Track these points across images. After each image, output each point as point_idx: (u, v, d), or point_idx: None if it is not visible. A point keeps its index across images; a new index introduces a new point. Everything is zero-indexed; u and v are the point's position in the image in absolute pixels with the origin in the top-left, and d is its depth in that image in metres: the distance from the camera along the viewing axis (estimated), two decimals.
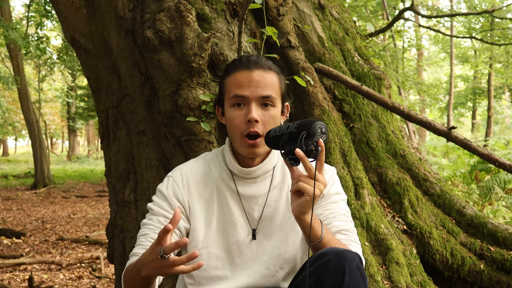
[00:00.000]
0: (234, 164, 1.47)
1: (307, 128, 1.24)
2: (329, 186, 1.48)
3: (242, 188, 1.48)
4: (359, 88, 2.26)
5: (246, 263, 1.47)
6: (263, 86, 1.41)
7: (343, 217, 1.45)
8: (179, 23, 1.96)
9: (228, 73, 1.46)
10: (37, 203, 9.36)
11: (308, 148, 1.23)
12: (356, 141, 2.35)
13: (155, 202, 1.47)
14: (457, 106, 21.34)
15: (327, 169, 1.53)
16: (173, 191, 1.46)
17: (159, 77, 2.05)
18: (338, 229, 1.41)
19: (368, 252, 2.03)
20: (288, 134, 1.27)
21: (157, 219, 1.44)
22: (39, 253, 5.16)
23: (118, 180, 2.35)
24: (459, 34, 14.84)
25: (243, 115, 1.40)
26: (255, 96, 1.40)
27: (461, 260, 2.17)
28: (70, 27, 2.43)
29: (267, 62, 1.46)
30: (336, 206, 1.46)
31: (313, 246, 1.34)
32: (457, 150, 9.28)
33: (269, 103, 1.41)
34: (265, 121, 1.40)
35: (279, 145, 1.30)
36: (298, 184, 1.25)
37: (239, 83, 1.41)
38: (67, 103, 24.70)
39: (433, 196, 2.34)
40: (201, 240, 1.46)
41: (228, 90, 1.44)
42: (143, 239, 1.42)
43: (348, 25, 2.68)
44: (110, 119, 2.38)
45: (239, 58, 1.49)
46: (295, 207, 1.28)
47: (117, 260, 2.34)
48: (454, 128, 2.27)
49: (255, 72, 1.42)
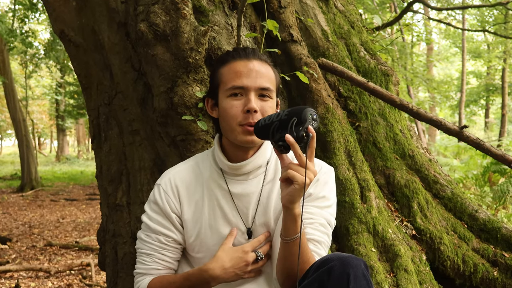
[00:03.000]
0: (223, 161, 1.48)
1: (298, 114, 1.26)
2: (320, 187, 1.49)
3: (233, 186, 1.49)
4: (365, 84, 2.26)
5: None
6: (262, 77, 1.43)
7: (320, 227, 1.45)
8: (175, 15, 1.96)
9: (223, 63, 1.47)
10: (24, 206, 9.36)
11: (299, 134, 1.25)
12: (362, 141, 2.35)
13: (150, 217, 1.52)
14: (469, 104, 21.35)
15: (324, 168, 1.53)
16: (167, 202, 1.51)
17: (153, 73, 2.05)
18: (309, 237, 1.42)
19: (375, 258, 2.03)
20: (278, 122, 1.29)
21: (156, 237, 1.50)
22: (26, 260, 5.16)
23: (110, 182, 2.35)
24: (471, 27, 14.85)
25: (240, 105, 1.41)
26: (255, 87, 1.42)
27: (473, 267, 2.17)
28: (59, 20, 2.43)
29: (263, 55, 1.50)
30: (318, 212, 1.46)
31: (285, 241, 1.34)
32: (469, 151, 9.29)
33: (267, 95, 1.44)
34: (264, 112, 1.42)
35: (269, 134, 1.32)
36: (288, 172, 1.27)
37: (238, 72, 1.43)
38: (55, 101, 24.69)
39: (443, 199, 2.34)
40: (196, 244, 1.49)
41: (225, 81, 1.45)
42: (148, 259, 1.50)
43: (353, 18, 2.69)
44: (101, 118, 2.38)
45: (235, 49, 1.51)
46: (284, 196, 1.29)
47: (109, 267, 2.34)
48: (466, 127, 2.27)
49: (254, 62, 1.45)
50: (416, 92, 18.83)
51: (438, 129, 2.34)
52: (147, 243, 1.50)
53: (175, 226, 1.50)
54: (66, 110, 22.55)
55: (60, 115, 24.58)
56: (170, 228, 1.49)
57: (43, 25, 18.67)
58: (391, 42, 4.56)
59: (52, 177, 15.72)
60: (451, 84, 19.95)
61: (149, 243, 1.50)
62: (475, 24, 15.09)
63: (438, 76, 22.47)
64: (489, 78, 20.09)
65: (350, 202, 2.11)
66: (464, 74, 15.75)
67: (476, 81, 22.48)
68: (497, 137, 16.88)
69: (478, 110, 23.08)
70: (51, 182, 14.27)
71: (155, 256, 1.49)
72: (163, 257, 1.50)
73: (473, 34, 18.62)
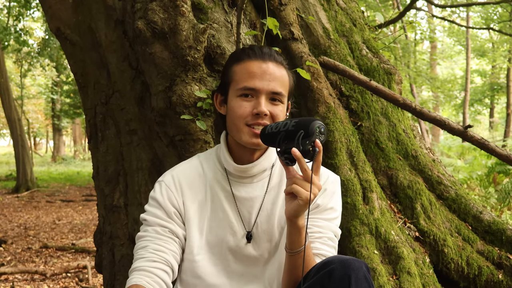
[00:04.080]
0: (229, 162, 1.48)
1: (305, 127, 1.25)
2: (328, 197, 1.48)
3: (237, 189, 1.49)
4: (367, 83, 2.26)
5: (243, 269, 1.48)
6: (275, 81, 1.42)
7: (328, 242, 1.45)
8: (173, 13, 1.96)
9: (237, 60, 1.46)
10: (20, 208, 9.36)
11: (305, 148, 1.24)
12: (364, 141, 2.35)
13: (148, 211, 1.48)
14: (474, 103, 21.36)
15: (331, 178, 1.53)
16: (168, 197, 1.47)
17: (151, 72, 2.05)
18: (318, 252, 1.42)
19: (378, 261, 2.03)
20: (284, 132, 1.29)
21: (153, 229, 1.45)
22: (21, 262, 5.16)
23: (106, 183, 2.35)
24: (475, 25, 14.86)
25: (250, 106, 1.41)
26: (267, 90, 1.41)
27: (478, 270, 2.17)
28: (55, 18, 2.43)
29: (279, 57, 1.48)
30: (327, 225, 1.46)
31: (290, 254, 1.34)
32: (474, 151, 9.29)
33: (278, 99, 1.43)
34: (275, 115, 1.41)
35: (275, 143, 1.31)
36: (292, 187, 1.27)
37: (251, 73, 1.42)
38: (51, 100, 24.69)
39: (447, 200, 2.34)
40: (196, 245, 1.47)
41: (237, 79, 1.44)
42: (143, 252, 1.42)
43: (355, 16, 2.69)
44: (98, 117, 2.39)
45: (250, 47, 1.49)
46: (288, 209, 1.30)
47: (106, 269, 2.34)
48: (470, 127, 2.27)
49: (269, 64, 1.44)
50: (420, 91, 18.84)
51: (441, 128, 2.34)
52: (144, 237, 1.45)
53: (172, 218, 1.46)
54: (62, 110, 22.57)
55: (56, 115, 24.59)
56: (167, 220, 1.45)
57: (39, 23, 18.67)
58: (394, 40, 4.56)
59: (48, 178, 15.72)
60: (455, 83, 19.95)
61: (146, 236, 1.44)
62: (479, 22, 15.10)
63: (442, 75, 22.48)
64: (494, 77, 20.10)
65: (352, 203, 2.11)
66: (468, 73, 15.76)
67: (480, 80, 22.48)
68: (502, 137, 16.88)
69: (483, 109, 23.09)
70: (47, 183, 14.27)
71: (150, 247, 1.41)
72: (158, 247, 1.42)
73: (477, 32, 18.62)
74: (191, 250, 1.47)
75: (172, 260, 1.43)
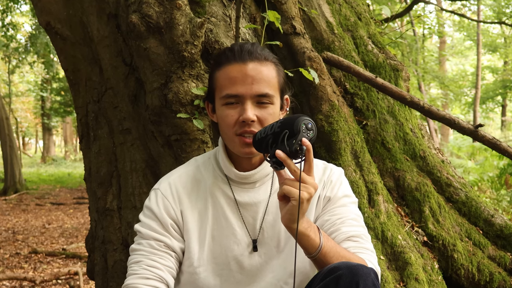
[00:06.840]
0: (230, 168, 1.47)
1: (289, 126, 1.24)
2: (336, 188, 1.49)
3: (239, 195, 1.48)
4: (373, 80, 2.26)
5: (248, 279, 1.47)
6: (259, 82, 1.40)
7: (353, 222, 1.45)
8: (169, 6, 1.96)
9: (218, 66, 1.45)
10: (7, 211, 9.36)
11: (292, 148, 1.23)
12: (370, 141, 2.35)
13: (143, 223, 1.47)
14: (485, 101, 21.35)
15: (334, 170, 1.54)
16: (164, 207, 1.46)
17: (146, 68, 2.05)
18: (347, 235, 1.41)
19: (384, 267, 2.03)
20: (272, 135, 1.28)
21: (147, 243, 1.44)
22: (9, 268, 5.16)
23: (99, 185, 2.35)
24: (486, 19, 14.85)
25: (236, 114, 1.40)
26: (250, 94, 1.39)
27: (489, 276, 2.18)
28: (45, 11, 2.43)
29: (262, 52, 1.45)
30: (345, 210, 1.46)
31: (312, 258, 1.34)
32: (485, 151, 9.28)
33: (266, 101, 1.41)
34: (263, 119, 1.39)
35: (266, 148, 1.30)
36: (283, 188, 1.26)
37: (231, 79, 1.40)
38: (41, 98, 24.69)
39: (457, 203, 2.34)
40: (196, 257, 1.46)
41: (219, 87, 1.43)
42: (136, 267, 1.42)
43: (360, 9, 2.69)
44: (90, 116, 2.39)
45: (230, 48, 1.47)
46: (284, 215, 1.29)
47: (98, 276, 2.35)
48: (481, 126, 2.27)
49: (250, 65, 1.40)
50: (428, 89, 18.84)
51: (451, 128, 2.35)
52: (138, 251, 1.44)
53: (168, 231, 1.45)
54: (52, 108, 22.55)
55: (45, 113, 24.58)
56: (163, 233, 1.44)
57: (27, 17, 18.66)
58: (401, 35, 4.56)
59: (37, 180, 15.72)
60: (466, 80, 19.97)
61: (140, 250, 1.43)
62: (491, 16, 15.10)
63: (452, 71, 22.51)
64: (506, 74, 20.09)
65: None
66: (479, 69, 15.77)
67: (492, 77, 22.49)
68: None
69: (495, 107, 23.08)
70: (36, 185, 14.26)
71: (144, 263, 1.41)
72: (153, 263, 1.41)
73: (489, 26, 18.63)
74: (191, 262, 1.46)
75: (167, 276, 1.42)
